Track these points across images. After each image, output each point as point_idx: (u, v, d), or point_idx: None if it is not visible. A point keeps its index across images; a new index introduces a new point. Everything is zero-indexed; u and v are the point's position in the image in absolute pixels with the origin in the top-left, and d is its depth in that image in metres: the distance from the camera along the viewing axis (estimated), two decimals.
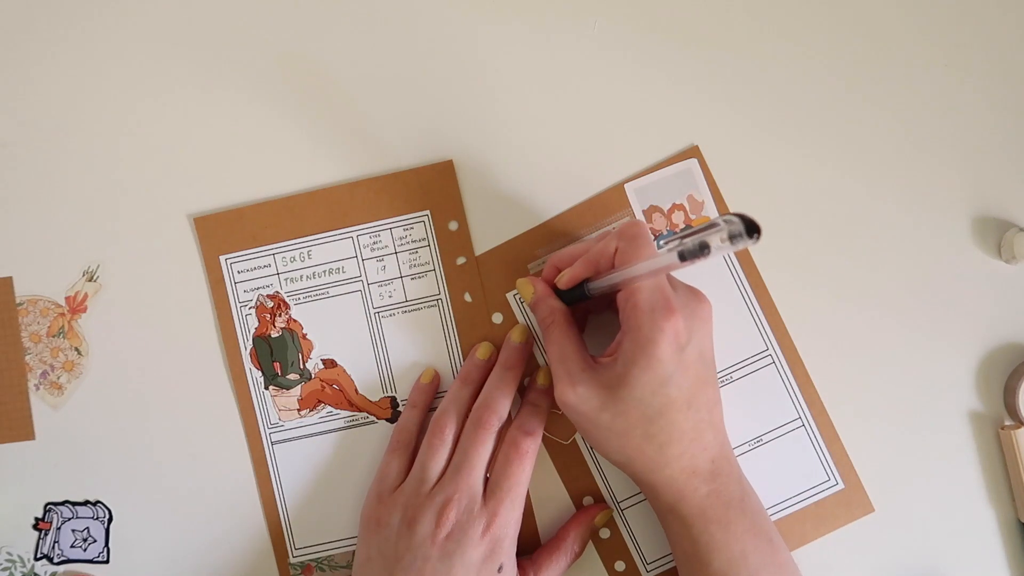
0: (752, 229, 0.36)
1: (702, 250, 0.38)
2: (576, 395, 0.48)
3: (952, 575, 0.55)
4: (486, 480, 0.51)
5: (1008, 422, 0.56)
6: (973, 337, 0.57)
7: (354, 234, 0.57)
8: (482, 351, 0.55)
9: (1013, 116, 0.58)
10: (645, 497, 0.52)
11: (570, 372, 0.48)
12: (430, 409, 0.56)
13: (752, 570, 0.48)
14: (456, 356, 0.56)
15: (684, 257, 0.39)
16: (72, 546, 0.56)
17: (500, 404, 0.52)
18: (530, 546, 0.55)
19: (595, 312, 0.56)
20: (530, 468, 0.52)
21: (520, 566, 0.52)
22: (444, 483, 0.51)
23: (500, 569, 0.49)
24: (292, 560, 0.56)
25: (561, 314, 0.51)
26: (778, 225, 0.57)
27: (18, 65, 0.58)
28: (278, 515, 0.56)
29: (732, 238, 0.36)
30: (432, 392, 0.56)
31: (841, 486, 0.55)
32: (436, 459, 0.52)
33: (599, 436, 0.48)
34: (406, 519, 0.50)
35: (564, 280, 0.51)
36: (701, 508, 0.48)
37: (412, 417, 0.55)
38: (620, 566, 0.56)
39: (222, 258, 0.56)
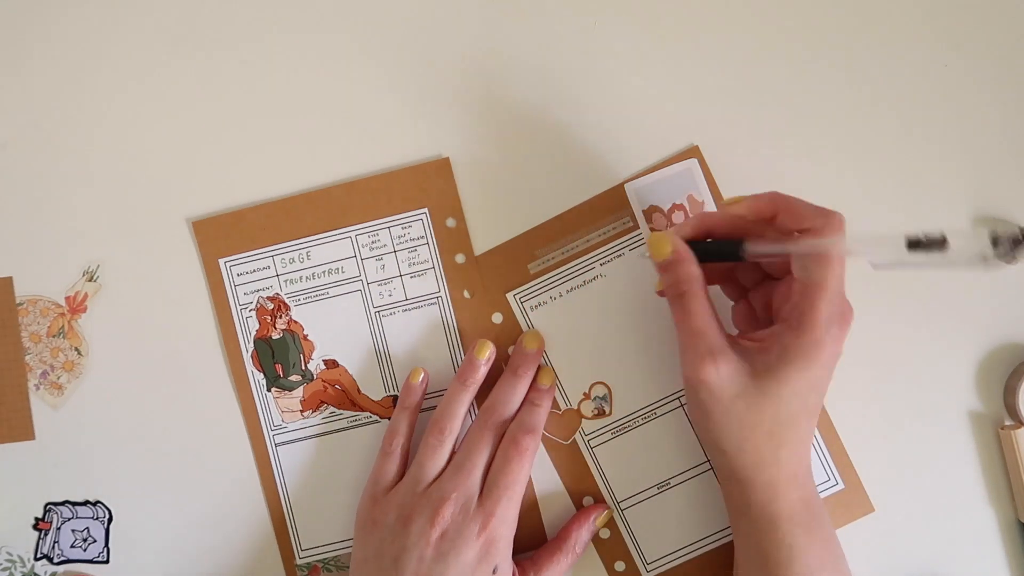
0: (1018, 242, 0.30)
1: (941, 245, 0.33)
2: (719, 376, 0.45)
3: (952, 575, 0.56)
4: (483, 482, 0.51)
5: (1008, 422, 0.56)
6: (973, 337, 0.57)
7: (352, 234, 0.57)
8: (480, 351, 0.55)
9: (1014, 116, 0.57)
10: (724, 490, 0.51)
11: (712, 349, 0.46)
12: (422, 409, 0.56)
13: None
14: (457, 353, 0.56)
15: (915, 246, 0.34)
16: (72, 546, 0.56)
17: (507, 408, 0.53)
18: (535, 544, 0.55)
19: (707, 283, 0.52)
20: (529, 467, 0.52)
21: (520, 566, 0.52)
22: (442, 482, 0.51)
23: (495, 571, 0.49)
24: (299, 561, 0.56)
25: (699, 283, 0.47)
26: None
27: (18, 66, 0.58)
28: (283, 516, 0.56)
29: (996, 242, 0.31)
30: (422, 392, 0.55)
31: (841, 486, 0.56)
32: (434, 458, 0.52)
33: (721, 421, 0.46)
34: (401, 518, 0.50)
35: (742, 206, 0.47)
36: (791, 512, 0.47)
37: (403, 418, 0.54)
38: (620, 566, 0.56)
39: (221, 261, 0.56)
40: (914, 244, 0.33)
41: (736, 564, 0.52)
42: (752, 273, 0.51)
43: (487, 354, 0.55)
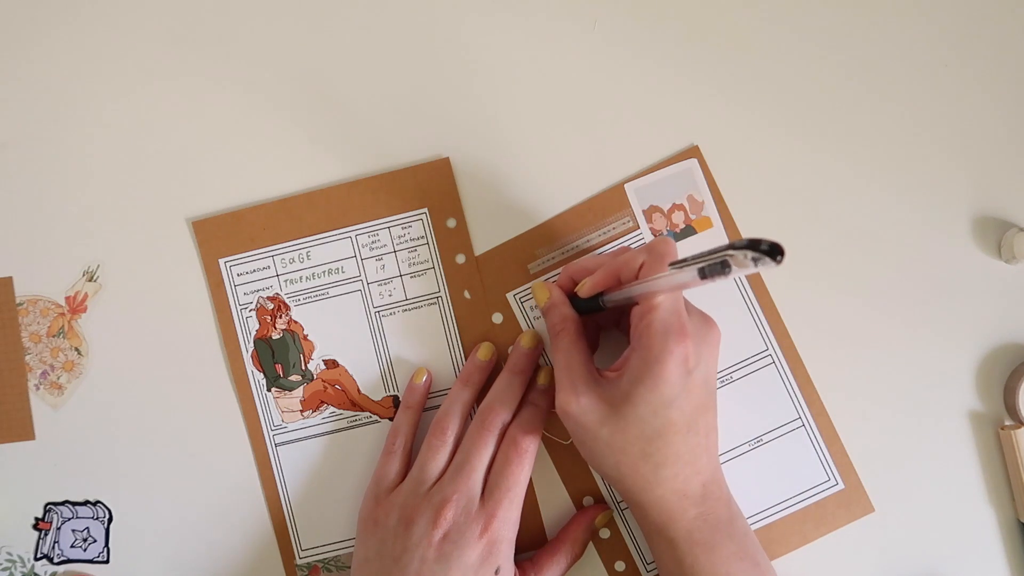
0: (775, 251, 0.35)
1: (723, 268, 0.37)
2: (579, 406, 0.47)
3: (952, 575, 0.56)
4: (484, 483, 0.51)
5: (1008, 422, 0.56)
6: (973, 337, 0.57)
7: (352, 234, 0.57)
8: (482, 352, 0.55)
9: (1014, 116, 0.57)
10: (633, 516, 0.52)
11: (574, 382, 0.48)
12: (424, 409, 0.56)
13: None
14: (457, 353, 0.56)
15: (705, 275, 0.38)
16: (72, 546, 0.56)
17: (505, 407, 0.53)
18: (536, 545, 0.55)
19: (604, 328, 0.56)
20: (529, 467, 0.52)
21: (521, 567, 0.52)
22: (443, 483, 0.51)
23: (497, 572, 0.49)
24: (299, 561, 0.56)
25: (573, 323, 0.51)
26: (778, 225, 0.57)
27: (18, 66, 0.58)
28: (283, 516, 0.56)
29: (755, 260, 0.35)
30: (425, 392, 0.56)
31: (841, 486, 0.56)
32: (436, 459, 0.52)
33: (596, 449, 0.48)
34: (403, 519, 0.50)
35: (586, 288, 0.50)
36: (688, 530, 0.48)
37: (406, 418, 0.55)
38: (620, 566, 0.56)
39: (221, 261, 0.56)
40: (703, 273, 0.39)
41: None
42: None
43: (489, 356, 0.55)
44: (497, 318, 0.57)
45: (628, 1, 0.58)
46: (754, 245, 0.35)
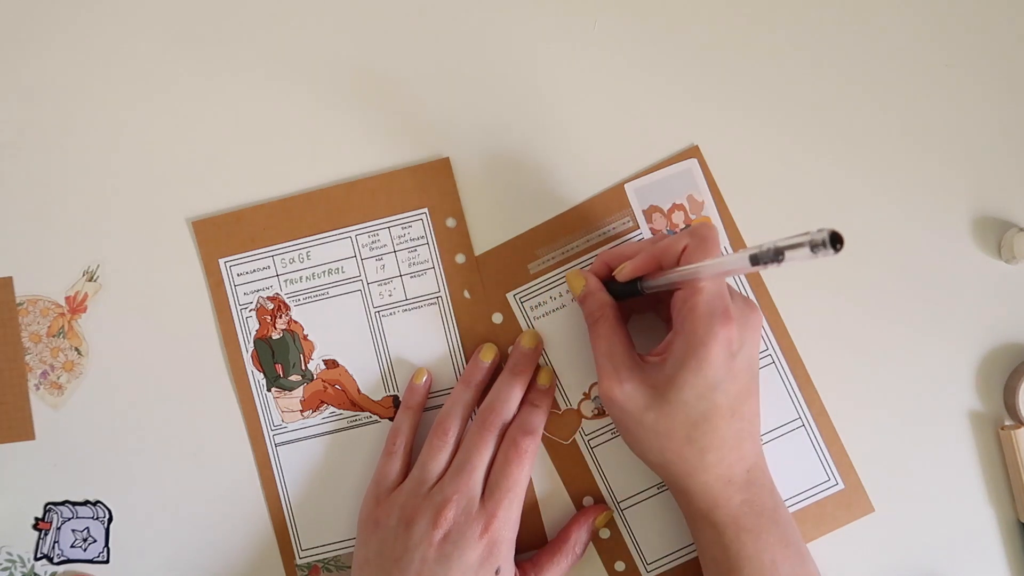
0: (835, 240, 0.34)
1: (776, 256, 0.36)
2: (623, 392, 0.48)
3: (952, 575, 0.56)
4: (485, 483, 0.51)
5: (1008, 422, 0.56)
6: (973, 337, 0.57)
7: (352, 234, 0.57)
8: (485, 353, 0.55)
9: (1014, 116, 0.57)
10: (677, 502, 0.52)
11: (617, 368, 0.48)
12: (424, 409, 0.56)
13: None
14: (457, 353, 0.56)
15: (756, 261, 0.38)
16: (72, 546, 0.56)
17: (506, 408, 0.53)
18: (536, 545, 0.55)
19: (638, 312, 0.56)
20: (529, 468, 0.52)
21: (521, 567, 0.52)
22: (444, 483, 0.51)
23: (497, 572, 0.49)
24: (299, 561, 0.56)
25: (611, 309, 0.51)
26: (777, 225, 0.57)
27: (18, 65, 0.58)
28: (283, 516, 0.56)
29: (814, 247, 0.34)
30: (425, 392, 0.56)
31: (841, 486, 0.56)
32: (437, 459, 0.52)
33: (640, 435, 0.48)
34: (404, 519, 0.50)
35: (626, 272, 0.50)
36: (734, 516, 0.48)
37: (407, 419, 0.54)
38: (620, 566, 0.56)
39: (221, 261, 0.56)
40: (754, 259, 0.38)
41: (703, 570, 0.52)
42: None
43: (492, 357, 0.55)
44: (497, 318, 0.57)
45: (629, 1, 0.58)
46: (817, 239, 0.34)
